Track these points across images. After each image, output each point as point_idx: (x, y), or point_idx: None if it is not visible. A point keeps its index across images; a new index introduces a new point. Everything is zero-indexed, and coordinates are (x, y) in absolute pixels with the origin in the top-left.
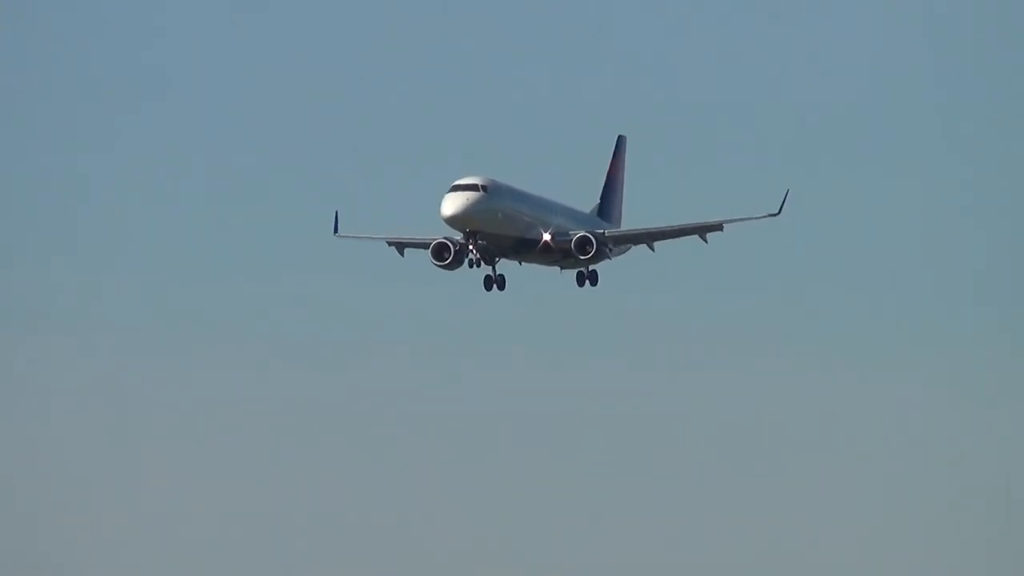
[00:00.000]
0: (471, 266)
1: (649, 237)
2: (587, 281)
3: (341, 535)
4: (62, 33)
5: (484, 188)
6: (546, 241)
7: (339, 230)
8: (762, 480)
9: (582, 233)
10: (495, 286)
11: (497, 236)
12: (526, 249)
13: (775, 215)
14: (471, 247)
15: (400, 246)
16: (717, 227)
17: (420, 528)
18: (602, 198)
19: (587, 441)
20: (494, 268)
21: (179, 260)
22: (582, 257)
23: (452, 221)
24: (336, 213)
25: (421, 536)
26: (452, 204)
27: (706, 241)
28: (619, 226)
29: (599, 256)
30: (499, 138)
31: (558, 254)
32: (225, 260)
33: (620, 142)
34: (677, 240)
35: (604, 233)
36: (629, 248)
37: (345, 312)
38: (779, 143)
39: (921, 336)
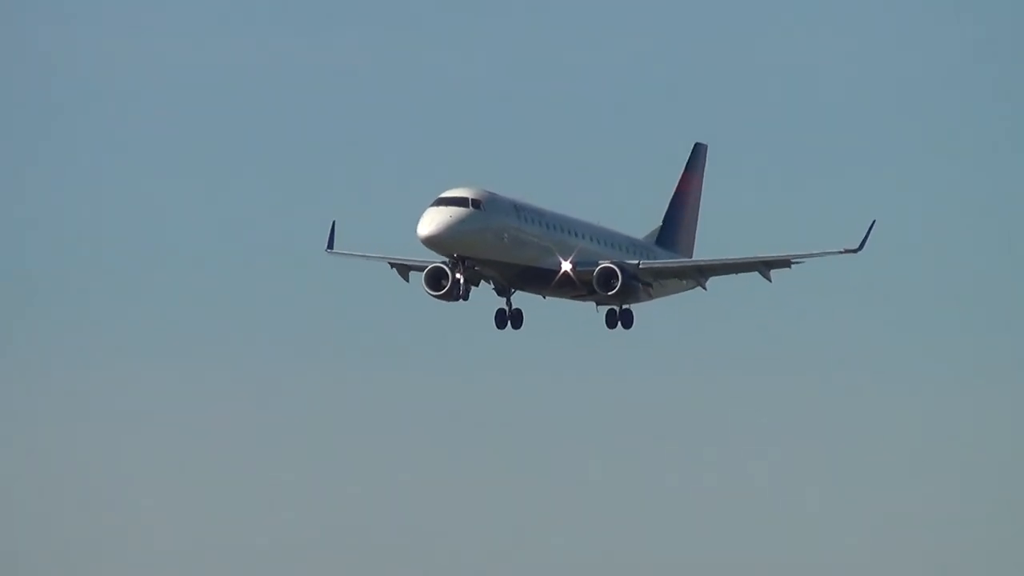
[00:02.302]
0: (456, 299)
1: (697, 272)
2: (619, 323)
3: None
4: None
5: (476, 203)
6: (566, 272)
7: (333, 246)
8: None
9: (605, 264)
10: (509, 323)
11: (497, 264)
12: (540, 281)
13: (855, 251)
14: (460, 276)
15: (404, 268)
16: (783, 263)
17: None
18: (665, 220)
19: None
20: (508, 301)
21: (184, 263)
22: (608, 293)
23: (431, 243)
24: (333, 224)
25: None
26: (431, 222)
27: (769, 279)
28: (690, 256)
29: (629, 293)
30: (544, 147)
31: (583, 288)
32: (229, 266)
33: (697, 151)
34: (737, 276)
35: (638, 265)
36: (687, 286)
37: (326, 343)
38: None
39: None
